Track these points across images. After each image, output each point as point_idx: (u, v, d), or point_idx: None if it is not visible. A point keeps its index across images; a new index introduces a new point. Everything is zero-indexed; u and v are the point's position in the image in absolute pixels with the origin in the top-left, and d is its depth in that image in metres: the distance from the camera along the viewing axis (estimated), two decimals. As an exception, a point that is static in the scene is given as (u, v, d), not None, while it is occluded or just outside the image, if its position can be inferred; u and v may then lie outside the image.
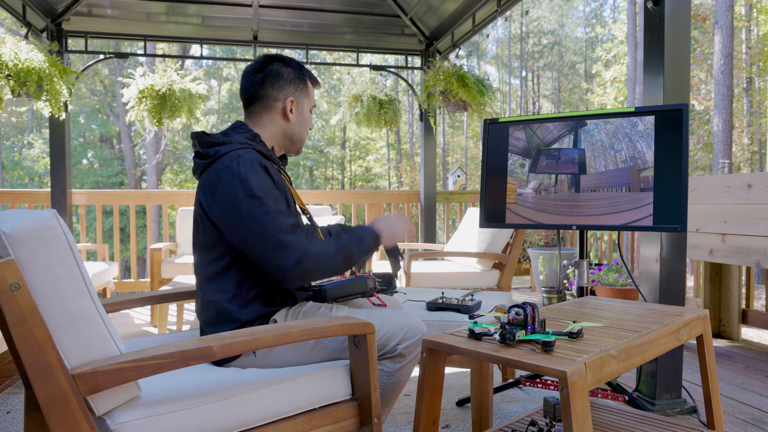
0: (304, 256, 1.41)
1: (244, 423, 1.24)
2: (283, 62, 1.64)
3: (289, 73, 1.63)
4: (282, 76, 1.62)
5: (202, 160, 1.53)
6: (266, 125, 1.63)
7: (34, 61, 3.62)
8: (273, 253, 1.40)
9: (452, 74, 4.39)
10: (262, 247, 1.41)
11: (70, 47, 4.73)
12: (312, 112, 1.72)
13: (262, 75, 1.61)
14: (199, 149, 1.53)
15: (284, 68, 1.63)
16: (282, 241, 1.40)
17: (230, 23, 4.83)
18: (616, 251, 5.21)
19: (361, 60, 5.31)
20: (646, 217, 2.03)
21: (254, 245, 1.42)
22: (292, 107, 1.63)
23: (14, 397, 2.44)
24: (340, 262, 1.51)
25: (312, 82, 1.70)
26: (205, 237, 1.50)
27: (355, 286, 1.70)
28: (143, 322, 3.97)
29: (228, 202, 1.42)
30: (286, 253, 1.40)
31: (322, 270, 1.48)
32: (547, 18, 26.99)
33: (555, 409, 1.51)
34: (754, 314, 3.45)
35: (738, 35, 15.54)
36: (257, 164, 1.46)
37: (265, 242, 1.40)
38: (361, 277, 1.72)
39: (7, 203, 4.71)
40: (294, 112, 1.64)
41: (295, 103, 1.64)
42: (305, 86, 1.67)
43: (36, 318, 0.98)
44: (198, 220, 1.52)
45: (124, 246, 14.85)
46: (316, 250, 1.45)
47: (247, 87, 1.63)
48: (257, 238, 1.41)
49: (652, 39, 2.27)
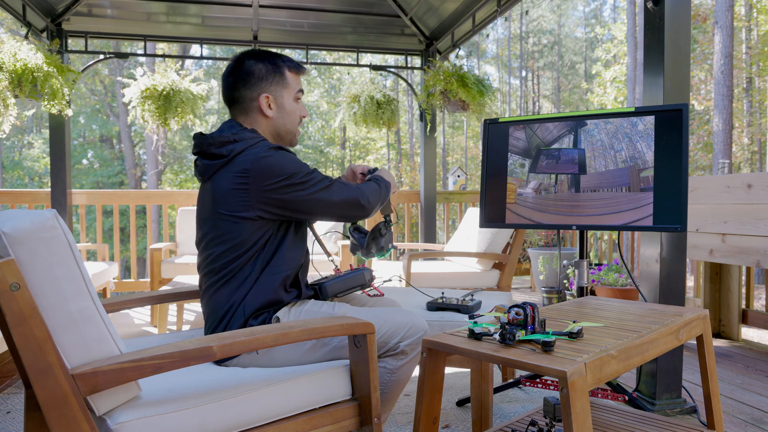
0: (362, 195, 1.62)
1: (244, 423, 1.24)
2: (255, 58, 1.61)
3: (261, 69, 1.59)
4: (253, 74, 1.59)
5: (214, 161, 1.52)
6: (252, 125, 1.61)
7: (34, 62, 3.62)
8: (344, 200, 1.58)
9: (452, 74, 4.39)
10: (334, 197, 1.56)
11: (70, 47, 4.73)
12: (298, 100, 1.67)
13: (233, 77, 1.61)
14: (208, 150, 1.52)
15: (256, 65, 1.60)
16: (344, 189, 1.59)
17: (230, 23, 4.83)
18: (616, 251, 5.21)
19: (361, 60, 5.31)
20: (646, 217, 2.03)
21: (322, 204, 1.55)
22: (270, 103, 1.60)
23: (14, 397, 2.44)
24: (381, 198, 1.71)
25: (292, 69, 1.64)
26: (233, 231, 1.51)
27: (353, 280, 1.74)
28: (143, 322, 3.97)
29: (275, 189, 1.47)
30: (352, 197, 1.60)
31: (374, 203, 1.67)
32: (546, 18, 26.99)
33: (555, 409, 1.51)
34: (754, 314, 3.45)
35: (738, 35, 15.53)
36: (279, 150, 1.52)
37: (334, 195, 1.56)
38: (358, 270, 1.76)
39: (7, 203, 4.71)
40: (273, 107, 1.61)
41: (271, 98, 1.60)
42: (282, 77, 1.62)
43: (36, 318, 0.98)
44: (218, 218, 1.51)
45: (124, 246, 14.85)
46: (365, 190, 1.64)
47: (224, 91, 1.64)
48: (325, 196, 1.54)
49: (652, 39, 2.27)
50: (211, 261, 1.53)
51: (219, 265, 1.51)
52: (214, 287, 1.52)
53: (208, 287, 1.54)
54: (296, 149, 22.19)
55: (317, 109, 23.05)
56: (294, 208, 1.52)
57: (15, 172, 18.75)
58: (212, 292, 1.53)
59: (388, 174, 1.83)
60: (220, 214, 1.50)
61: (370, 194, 1.65)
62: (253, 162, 1.46)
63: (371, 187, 1.68)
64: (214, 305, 1.52)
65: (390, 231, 1.86)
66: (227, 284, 1.51)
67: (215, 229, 1.51)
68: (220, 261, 1.51)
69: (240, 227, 1.49)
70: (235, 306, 1.49)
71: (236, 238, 1.49)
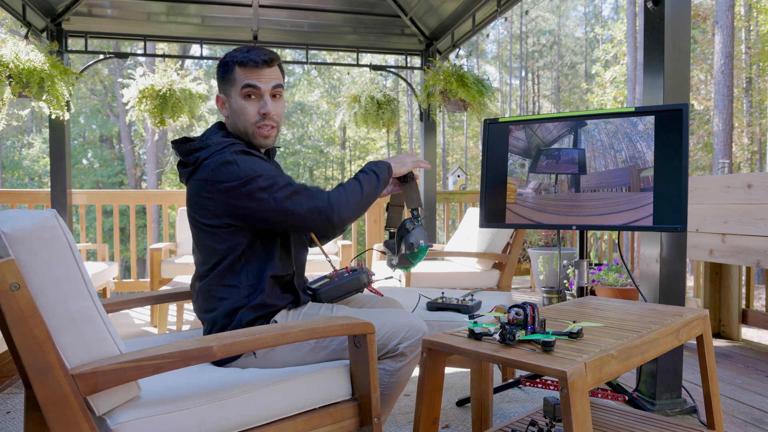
0: (333, 203, 1.45)
1: (244, 423, 1.24)
2: (222, 59, 1.58)
3: (217, 70, 1.58)
4: (216, 76, 1.60)
5: (185, 169, 1.53)
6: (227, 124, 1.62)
7: (34, 62, 3.62)
8: (306, 211, 1.43)
9: (452, 74, 4.38)
10: (294, 209, 1.42)
11: (70, 47, 4.72)
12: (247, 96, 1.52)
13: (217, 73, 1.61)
14: (180, 158, 1.53)
15: (218, 66, 1.58)
16: (308, 199, 1.43)
17: (230, 23, 4.83)
18: (616, 251, 5.21)
19: (361, 60, 5.31)
20: (646, 217, 2.03)
21: (282, 214, 1.42)
22: (223, 103, 1.58)
23: (14, 397, 2.44)
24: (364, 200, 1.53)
25: (243, 62, 1.52)
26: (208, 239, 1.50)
27: (348, 285, 1.69)
28: (143, 322, 3.97)
29: (231, 194, 1.41)
30: (317, 207, 1.43)
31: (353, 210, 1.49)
32: (546, 18, 26.99)
33: (555, 409, 1.51)
34: (754, 314, 3.45)
35: (738, 35, 15.53)
36: (244, 153, 1.46)
37: (294, 206, 1.42)
38: (355, 273, 1.71)
39: (7, 203, 4.71)
40: (226, 106, 1.58)
41: (223, 98, 1.58)
42: (231, 75, 1.54)
43: (36, 318, 0.98)
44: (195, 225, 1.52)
45: (124, 246, 14.85)
46: (341, 195, 1.48)
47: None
48: (284, 206, 1.41)
49: (652, 39, 2.27)
50: (199, 264, 1.55)
51: (205, 269, 1.52)
52: (204, 291, 1.53)
53: (199, 291, 1.55)
54: (295, 149, 22.22)
55: (317, 109, 23.05)
56: (256, 218, 1.43)
57: (15, 172, 18.75)
58: (203, 298, 1.53)
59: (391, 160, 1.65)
60: (194, 220, 1.50)
61: (344, 201, 1.47)
62: (213, 170, 1.43)
63: (348, 190, 1.51)
64: (210, 315, 1.52)
65: (418, 227, 1.66)
66: (216, 292, 1.50)
67: (196, 236, 1.53)
68: (206, 266, 1.52)
69: (214, 235, 1.47)
70: (229, 317, 1.48)
71: (214, 245, 1.48)
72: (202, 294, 1.53)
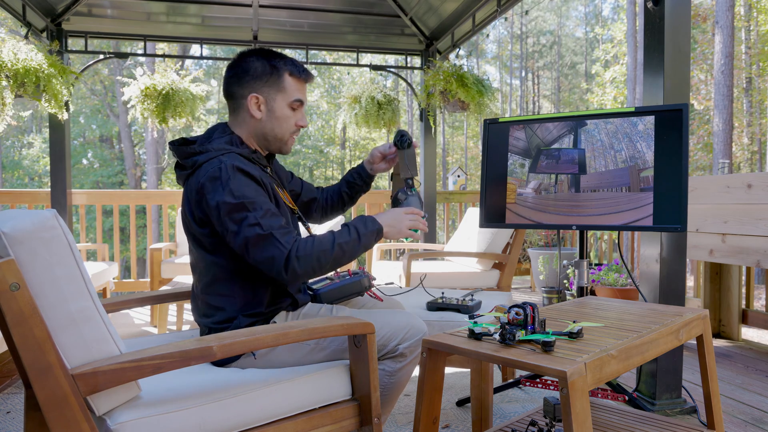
0: (292, 258, 1.38)
1: (244, 423, 1.24)
2: (257, 56, 1.54)
3: (257, 68, 1.53)
4: (248, 72, 1.53)
5: (182, 171, 1.52)
6: (241, 125, 1.56)
7: (33, 62, 3.62)
8: (262, 259, 1.38)
9: (452, 74, 4.38)
10: (252, 252, 1.39)
11: (70, 47, 4.72)
12: (295, 109, 1.57)
13: (231, 72, 1.56)
14: (179, 160, 1.52)
15: (255, 63, 1.53)
16: (268, 246, 1.37)
17: (230, 23, 4.83)
18: (616, 251, 5.21)
19: (361, 60, 5.30)
20: (646, 217, 2.03)
21: (244, 251, 1.40)
22: (259, 104, 1.54)
23: (14, 397, 2.44)
24: (332, 260, 1.44)
25: (294, 74, 1.55)
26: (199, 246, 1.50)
27: (350, 287, 1.68)
28: (143, 322, 3.97)
29: (213, 212, 1.40)
30: (272, 258, 1.37)
31: (313, 268, 1.42)
32: (546, 18, 26.99)
33: (555, 409, 1.51)
34: (754, 314, 3.45)
35: (738, 35, 15.53)
36: (236, 170, 1.40)
37: (253, 249, 1.38)
38: (357, 276, 1.70)
39: (7, 203, 4.71)
40: (262, 109, 1.54)
41: (261, 100, 1.53)
42: (278, 80, 1.53)
43: (36, 318, 0.98)
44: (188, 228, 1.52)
45: (124, 246, 14.84)
46: (306, 250, 1.40)
47: (223, 86, 1.59)
48: (246, 245, 1.38)
49: (652, 39, 2.27)
50: (194, 270, 1.55)
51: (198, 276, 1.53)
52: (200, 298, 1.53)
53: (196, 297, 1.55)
54: (295, 149, 22.21)
55: (317, 109, 23.04)
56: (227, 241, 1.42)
57: (15, 172, 18.75)
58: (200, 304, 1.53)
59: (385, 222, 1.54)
60: (188, 223, 1.51)
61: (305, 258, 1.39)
62: (203, 183, 1.41)
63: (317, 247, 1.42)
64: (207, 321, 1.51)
65: (413, 196, 1.63)
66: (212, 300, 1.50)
67: (189, 240, 1.53)
68: (199, 273, 1.52)
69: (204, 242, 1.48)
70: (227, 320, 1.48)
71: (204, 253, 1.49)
72: (199, 300, 1.53)
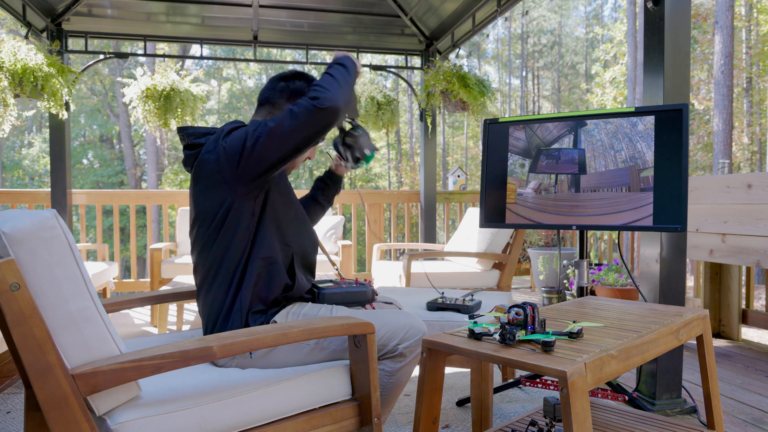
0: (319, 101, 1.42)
1: (244, 423, 1.24)
2: (310, 84, 1.62)
3: (284, 79, 1.64)
4: (297, 94, 1.62)
5: (192, 151, 1.56)
6: None
7: (26, 61, 3.62)
8: (317, 123, 1.43)
9: (452, 74, 4.38)
10: (307, 132, 1.43)
11: (70, 47, 4.73)
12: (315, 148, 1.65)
13: (285, 84, 1.63)
14: (189, 141, 1.56)
15: (305, 88, 1.62)
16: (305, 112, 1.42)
17: (230, 23, 4.84)
18: (616, 251, 5.21)
19: (361, 60, 5.31)
20: (646, 217, 2.03)
21: (303, 142, 1.44)
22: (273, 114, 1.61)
23: (14, 397, 2.44)
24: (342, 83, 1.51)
25: None
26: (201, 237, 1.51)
27: (353, 295, 1.70)
28: (143, 322, 3.97)
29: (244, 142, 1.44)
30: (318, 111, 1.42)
31: (345, 100, 1.48)
32: (547, 18, 27.00)
33: (555, 409, 1.51)
34: (754, 314, 3.45)
35: (738, 35, 15.54)
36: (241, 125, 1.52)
37: (304, 129, 1.42)
38: (362, 286, 1.72)
39: (7, 203, 4.71)
40: None
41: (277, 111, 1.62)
42: None
43: (36, 318, 0.98)
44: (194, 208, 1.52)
45: (124, 246, 14.85)
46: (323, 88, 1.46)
47: (267, 89, 1.65)
48: (298, 134, 1.42)
49: (652, 39, 2.27)
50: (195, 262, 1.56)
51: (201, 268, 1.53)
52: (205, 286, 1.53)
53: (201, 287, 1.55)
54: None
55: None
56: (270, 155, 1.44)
57: (15, 172, 18.75)
58: (204, 292, 1.53)
59: (347, 56, 1.64)
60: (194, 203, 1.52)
61: (326, 91, 1.46)
62: (218, 135, 1.51)
63: (325, 82, 1.50)
64: (210, 306, 1.52)
65: (359, 134, 1.72)
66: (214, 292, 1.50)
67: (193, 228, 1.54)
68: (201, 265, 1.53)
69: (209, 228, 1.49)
70: (231, 306, 1.48)
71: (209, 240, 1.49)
72: (202, 299, 1.54)
